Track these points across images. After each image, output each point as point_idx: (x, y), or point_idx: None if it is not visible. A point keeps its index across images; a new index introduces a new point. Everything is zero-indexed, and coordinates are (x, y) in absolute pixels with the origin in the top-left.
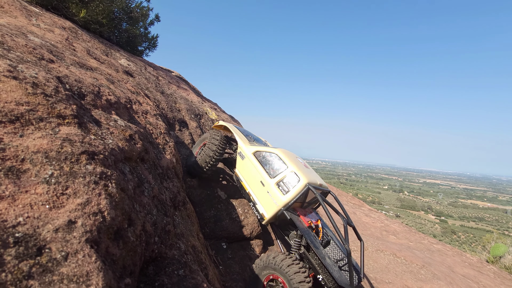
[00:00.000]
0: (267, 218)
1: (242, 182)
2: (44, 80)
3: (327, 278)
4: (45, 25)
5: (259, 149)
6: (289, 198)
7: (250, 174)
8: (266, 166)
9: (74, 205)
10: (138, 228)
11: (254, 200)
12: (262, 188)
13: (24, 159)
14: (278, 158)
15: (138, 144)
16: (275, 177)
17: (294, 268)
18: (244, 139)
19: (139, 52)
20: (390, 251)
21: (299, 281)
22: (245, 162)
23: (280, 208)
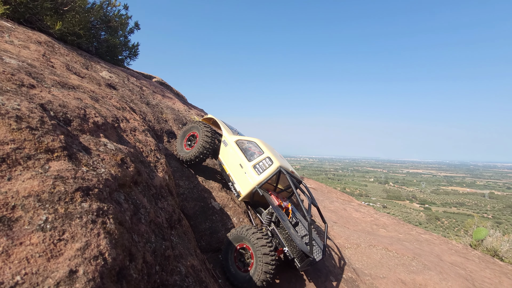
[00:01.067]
0: (243, 194)
1: (223, 166)
2: (28, 112)
3: (291, 249)
4: (20, 41)
5: (241, 138)
6: (263, 177)
7: (232, 158)
8: (246, 152)
9: (73, 251)
10: (139, 262)
11: (233, 180)
12: (240, 169)
13: (15, 206)
14: (256, 145)
15: (130, 167)
16: (252, 160)
17: (262, 241)
18: (228, 130)
19: (120, 61)
20: (382, 245)
21: (264, 252)
22: (228, 149)
23: (255, 186)
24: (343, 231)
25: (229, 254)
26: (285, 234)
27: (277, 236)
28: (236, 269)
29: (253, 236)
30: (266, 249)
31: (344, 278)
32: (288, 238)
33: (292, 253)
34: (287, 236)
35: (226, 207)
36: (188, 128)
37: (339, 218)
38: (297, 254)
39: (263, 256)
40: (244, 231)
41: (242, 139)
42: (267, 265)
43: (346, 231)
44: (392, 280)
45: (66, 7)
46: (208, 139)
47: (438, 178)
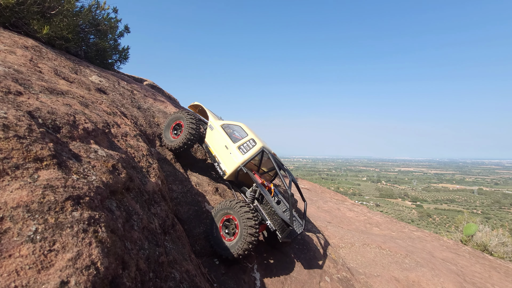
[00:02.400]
0: (228, 173)
1: (210, 148)
2: (15, 120)
3: (273, 222)
4: (5, 46)
5: (226, 122)
6: (247, 156)
7: (217, 141)
8: (231, 135)
9: (64, 262)
10: (132, 269)
11: (218, 161)
12: (226, 150)
13: (3, 217)
14: (241, 128)
15: (122, 174)
16: (237, 142)
17: (248, 214)
18: (214, 116)
19: (110, 65)
20: (376, 244)
21: (250, 224)
22: (214, 132)
23: (239, 164)
24: (337, 231)
25: (215, 223)
26: (268, 209)
27: (260, 212)
28: (221, 238)
29: (240, 209)
30: (252, 221)
31: (339, 277)
32: (270, 212)
33: (274, 225)
34: (270, 211)
35: None
36: (173, 117)
37: (333, 218)
38: (279, 225)
39: (248, 228)
40: (234, 204)
41: (228, 123)
42: (250, 236)
43: (340, 230)
44: (386, 278)
45: (53, 10)
46: (194, 126)
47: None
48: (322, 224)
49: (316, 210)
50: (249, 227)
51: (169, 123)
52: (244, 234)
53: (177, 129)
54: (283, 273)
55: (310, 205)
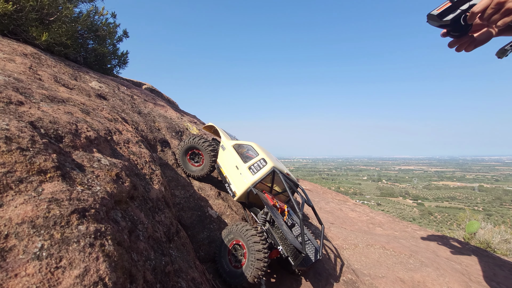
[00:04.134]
0: (238, 194)
1: (221, 168)
2: (18, 131)
3: (285, 248)
4: (4, 54)
5: (237, 142)
6: (257, 177)
7: (228, 161)
8: (242, 154)
9: (72, 279)
10: (140, 283)
11: (229, 181)
12: (236, 171)
13: (8, 234)
14: (252, 148)
15: (126, 182)
16: (247, 162)
17: (255, 238)
18: (227, 136)
19: (109, 70)
20: (379, 244)
21: (257, 249)
22: (225, 153)
23: (249, 185)
24: (341, 232)
25: (222, 249)
26: (279, 233)
27: (271, 236)
28: (229, 265)
29: (247, 232)
30: (259, 245)
31: (344, 280)
32: (282, 237)
33: (286, 251)
34: (281, 235)
35: (223, 215)
36: (188, 145)
37: (336, 219)
38: (291, 251)
39: (256, 253)
40: (240, 228)
41: (239, 143)
42: (259, 262)
43: (344, 231)
44: (391, 279)
45: (52, 17)
46: (214, 155)
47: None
48: (325, 226)
49: (319, 211)
50: (256, 251)
51: (184, 150)
52: (252, 259)
53: (194, 157)
54: (288, 278)
55: None
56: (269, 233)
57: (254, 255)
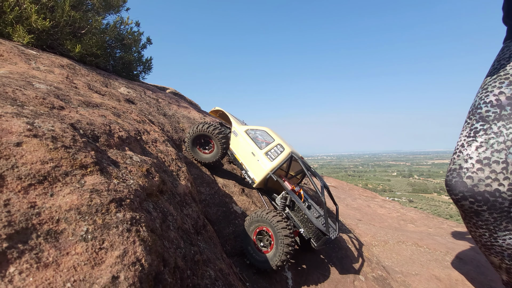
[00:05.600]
0: (257, 181)
1: (235, 155)
2: (61, 132)
3: (307, 230)
4: (45, 67)
5: (250, 127)
6: (276, 163)
7: (243, 147)
8: (256, 140)
9: (113, 259)
10: (172, 267)
11: (246, 168)
12: (253, 157)
13: (59, 219)
14: (267, 133)
15: (155, 177)
16: (264, 148)
17: (282, 224)
18: (237, 121)
19: (135, 76)
20: (412, 241)
21: (285, 234)
22: (238, 139)
23: (268, 172)
24: (369, 229)
25: (249, 236)
26: (300, 216)
27: (292, 219)
28: (256, 251)
29: (273, 218)
30: (286, 231)
31: (374, 276)
32: (303, 219)
33: (308, 233)
34: (302, 217)
35: (247, 211)
36: (196, 134)
37: (364, 216)
38: (313, 233)
39: (284, 238)
40: (264, 214)
41: (252, 128)
42: (287, 246)
43: (372, 228)
44: (426, 277)
45: (83, 30)
46: (225, 142)
47: None
48: (352, 222)
49: (345, 207)
50: (284, 236)
51: (193, 138)
52: (281, 244)
53: (203, 144)
54: (315, 272)
55: (338, 202)
56: (289, 217)
57: (282, 240)
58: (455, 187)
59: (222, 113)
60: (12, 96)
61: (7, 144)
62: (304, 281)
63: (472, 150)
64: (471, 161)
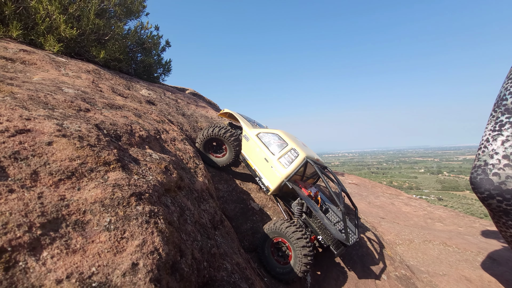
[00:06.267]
0: (272, 189)
1: (248, 161)
2: (87, 132)
3: (326, 237)
4: (73, 73)
5: (262, 131)
6: (291, 170)
7: (255, 153)
8: (269, 145)
9: (133, 247)
10: (189, 257)
11: (260, 175)
12: (266, 164)
13: (85, 211)
14: (279, 137)
15: (173, 174)
16: (277, 153)
17: (297, 234)
18: (248, 123)
19: (155, 78)
20: (439, 240)
21: (302, 245)
22: (250, 143)
23: (283, 179)
24: (393, 227)
25: (266, 249)
26: (318, 223)
27: (310, 226)
28: (275, 263)
29: (287, 230)
30: (302, 241)
31: (397, 275)
32: (321, 226)
33: (327, 240)
34: (320, 225)
35: (265, 207)
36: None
37: (387, 214)
38: (332, 241)
39: (301, 249)
40: (278, 226)
41: (264, 132)
42: (306, 257)
43: (396, 226)
44: (455, 278)
45: (106, 36)
46: (237, 143)
47: None
48: (374, 220)
49: (367, 205)
50: (301, 248)
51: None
52: (299, 256)
53: (215, 147)
54: (334, 270)
55: (359, 200)
56: (307, 223)
57: (300, 251)
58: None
59: (231, 115)
60: (44, 100)
61: (40, 143)
62: (323, 278)
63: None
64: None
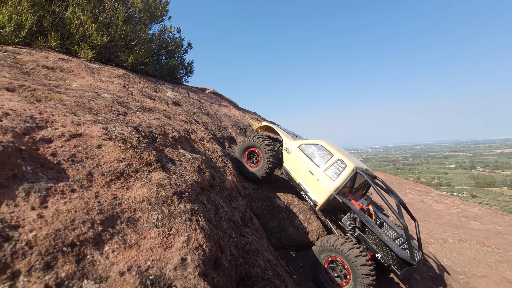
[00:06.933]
0: (320, 203)
1: (291, 175)
2: (129, 134)
3: (386, 256)
4: (106, 78)
5: (304, 142)
6: (339, 182)
7: (298, 165)
8: (313, 157)
9: (180, 243)
10: (227, 254)
11: (305, 189)
12: (311, 177)
13: (135, 209)
14: (323, 148)
15: (206, 173)
16: (323, 165)
17: (355, 251)
18: (287, 135)
19: (179, 80)
20: (476, 239)
21: (361, 264)
22: (292, 156)
23: (332, 192)
24: (423, 225)
25: (319, 268)
26: (374, 239)
27: (365, 242)
28: (331, 283)
29: (343, 246)
30: (362, 259)
31: (430, 275)
32: (379, 243)
33: (388, 259)
34: (378, 241)
35: (291, 205)
36: (246, 145)
37: (417, 211)
38: (394, 259)
39: (361, 268)
40: (332, 243)
41: (306, 143)
42: (368, 277)
43: (427, 225)
44: (495, 279)
45: (133, 41)
46: (273, 155)
47: None
48: None
49: (393, 203)
50: (361, 266)
51: (242, 150)
52: (360, 275)
53: (251, 157)
54: None
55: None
56: (361, 240)
57: (360, 270)
58: None
59: (269, 128)
60: (88, 106)
61: (91, 146)
62: None
63: None
64: None
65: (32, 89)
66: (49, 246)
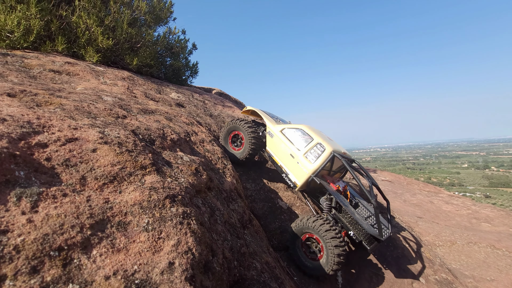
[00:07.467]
0: (299, 185)
1: (273, 157)
2: (125, 138)
3: (357, 233)
4: (110, 81)
5: (286, 126)
6: (317, 165)
7: (280, 149)
8: (294, 141)
9: (169, 247)
10: (220, 257)
11: (286, 171)
12: (292, 160)
13: (126, 212)
14: (304, 132)
15: (203, 175)
16: (303, 148)
17: (325, 227)
18: (271, 120)
19: (184, 81)
20: (486, 242)
21: (331, 237)
22: (274, 140)
23: (310, 175)
24: (431, 227)
25: (297, 244)
26: (348, 218)
27: (340, 221)
28: (307, 258)
29: (321, 227)
30: (332, 233)
31: (436, 279)
32: (352, 221)
33: (359, 235)
34: (351, 219)
35: (293, 206)
36: (229, 128)
37: (425, 212)
38: (364, 236)
39: (331, 241)
40: (311, 223)
41: (288, 127)
42: (337, 248)
43: (436, 226)
44: (505, 284)
45: (138, 44)
46: (255, 138)
47: None
48: (411, 220)
49: (402, 204)
50: (335, 247)
51: (226, 133)
52: (331, 254)
53: (235, 141)
54: (366, 271)
55: (394, 198)
56: (336, 219)
57: (332, 250)
58: None
59: (254, 112)
60: (87, 110)
61: (86, 150)
62: (355, 279)
63: None
64: None
65: (33, 94)
66: (36, 250)
